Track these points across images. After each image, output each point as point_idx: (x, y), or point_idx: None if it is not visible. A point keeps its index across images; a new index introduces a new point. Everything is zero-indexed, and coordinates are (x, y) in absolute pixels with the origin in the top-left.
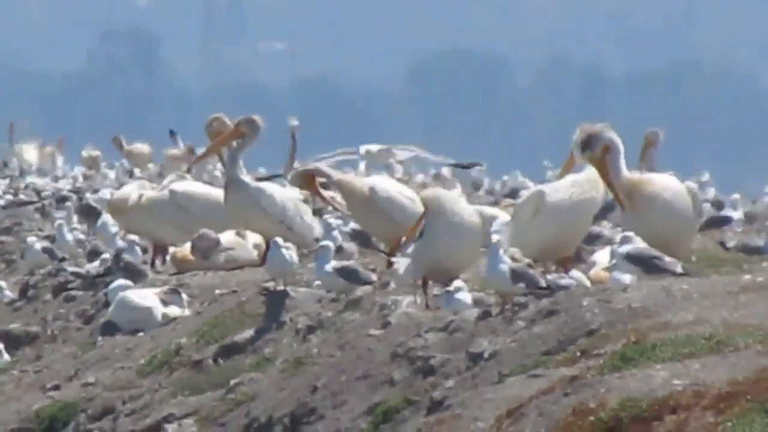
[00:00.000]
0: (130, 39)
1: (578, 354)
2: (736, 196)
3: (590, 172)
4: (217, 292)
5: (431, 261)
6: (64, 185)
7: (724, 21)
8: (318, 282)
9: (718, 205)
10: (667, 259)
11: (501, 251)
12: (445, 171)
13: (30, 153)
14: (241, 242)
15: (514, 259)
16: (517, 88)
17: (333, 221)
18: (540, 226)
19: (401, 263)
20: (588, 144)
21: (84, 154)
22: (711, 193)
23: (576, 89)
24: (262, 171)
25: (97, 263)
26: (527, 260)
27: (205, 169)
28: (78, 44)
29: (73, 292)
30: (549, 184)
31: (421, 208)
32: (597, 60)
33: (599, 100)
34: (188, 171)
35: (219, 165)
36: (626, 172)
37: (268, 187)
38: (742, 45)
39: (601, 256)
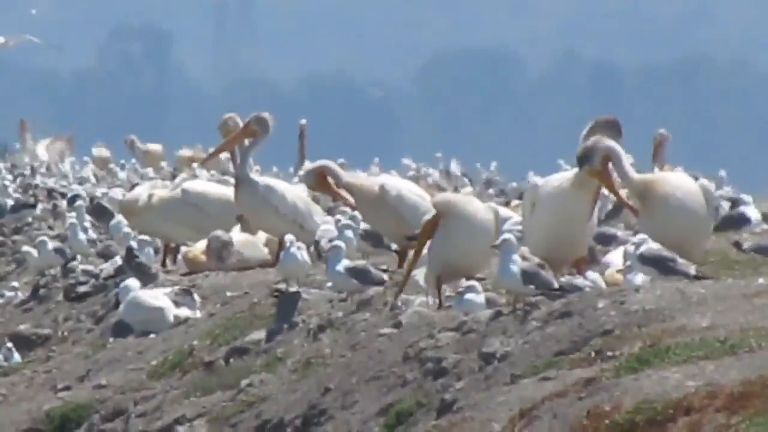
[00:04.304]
0: (142, 36)
1: (592, 355)
2: (749, 198)
3: None
4: (229, 294)
5: (447, 262)
6: (75, 184)
7: (737, 16)
8: (329, 283)
9: (735, 202)
10: (681, 260)
11: (512, 251)
12: (455, 168)
13: (41, 149)
14: (253, 241)
15: (524, 258)
16: (529, 84)
17: (344, 221)
18: (538, 219)
19: (419, 272)
20: (585, 158)
21: (95, 153)
22: (727, 191)
23: (588, 85)
24: (275, 170)
25: (109, 264)
26: (537, 260)
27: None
28: (88, 41)
29: (83, 291)
30: (545, 178)
31: (430, 207)
32: (609, 56)
33: (611, 95)
34: (200, 165)
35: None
36: (636, 174)
37: (279, 185)
38: (756, 40)
39: (615, 257)
